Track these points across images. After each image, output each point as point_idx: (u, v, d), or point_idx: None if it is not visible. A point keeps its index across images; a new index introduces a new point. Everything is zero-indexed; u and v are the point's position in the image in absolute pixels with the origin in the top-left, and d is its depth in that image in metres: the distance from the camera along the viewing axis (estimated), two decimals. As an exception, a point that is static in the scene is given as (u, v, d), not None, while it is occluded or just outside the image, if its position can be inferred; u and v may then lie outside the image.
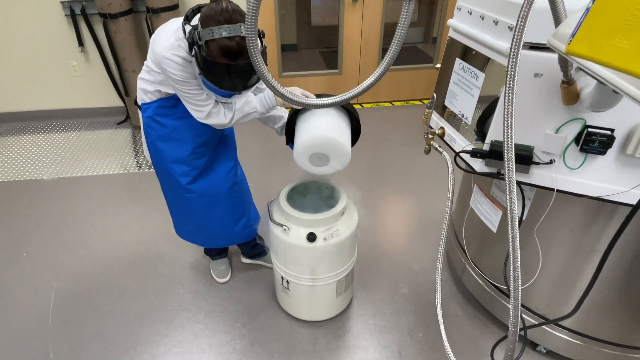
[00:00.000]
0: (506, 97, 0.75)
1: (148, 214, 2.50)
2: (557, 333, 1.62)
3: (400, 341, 1.72)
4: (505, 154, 0.75)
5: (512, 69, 0.70)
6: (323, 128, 1.36)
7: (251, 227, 1.88)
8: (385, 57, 0.86)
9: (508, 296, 1.73)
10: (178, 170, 1.59)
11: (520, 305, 0.83)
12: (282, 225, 1.54)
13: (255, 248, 2.11)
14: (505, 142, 0.74)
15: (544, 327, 1.61)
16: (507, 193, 0.79)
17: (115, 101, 3.79)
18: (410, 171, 2.92)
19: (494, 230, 1.62)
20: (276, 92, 0.89)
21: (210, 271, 2.04)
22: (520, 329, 1.16)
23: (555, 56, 1.03)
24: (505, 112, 0.75)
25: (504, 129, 0.76)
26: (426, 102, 4.07)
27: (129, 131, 3.60)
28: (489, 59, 1.21)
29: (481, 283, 1.85)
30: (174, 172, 1.60)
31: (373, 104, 4.12)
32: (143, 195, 2.75)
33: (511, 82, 0.71)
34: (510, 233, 0.78)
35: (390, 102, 4.12)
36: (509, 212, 0.80)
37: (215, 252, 2.03)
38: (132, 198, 2.74)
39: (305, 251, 1.55)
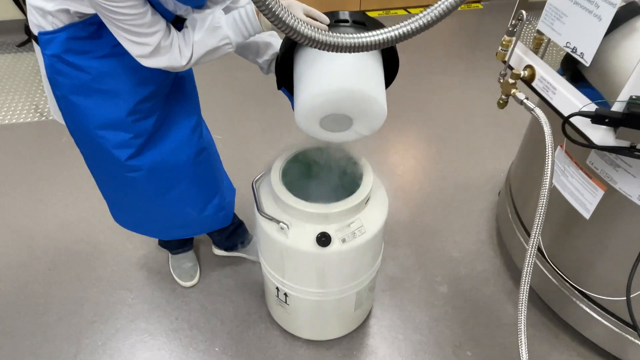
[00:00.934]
0: None
1: (76, 186, 2.24)
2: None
3: (442, 364, 1.58)
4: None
5: None
6: (345, 75, 1.04)
7: (226, 208, 1.63)
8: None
9: (602, 307, 1.47)
10: (112, 140, 1.28)
11: None
12: (277, 222, 1.25)
13: (234, 236, 1.87)
14: None
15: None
16: None
17: (10, 11, 3.13)
18: (443, 112, 2.75)
19: (587, 215, 1.37)
20: (264, 11, 0.66)
21: (171, 270, 1.85)
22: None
23: None
24: None
25: None
26: (477, 6, 3.53)
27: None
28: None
29: (554, 281, 1.64)
30: (106, 142, 1.28)
31: (381, 12, 3.72)
32: (67, 157, 2.38)
33: None
34: None
35: (404, 8, 3.63)
36: None
37: (176, 244, 1.83)
38: (51, 161, 2.39)
39: (314, 258, 1.30)
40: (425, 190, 2.26)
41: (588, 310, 1.56)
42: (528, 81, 1.17)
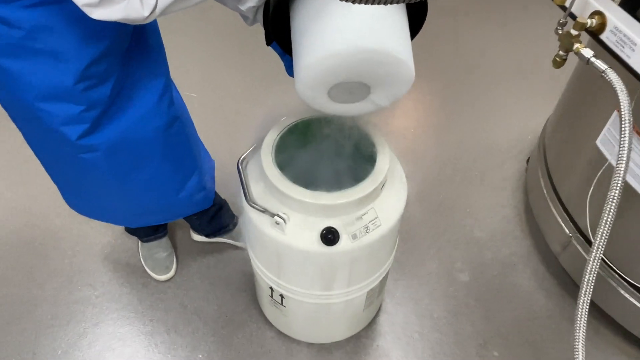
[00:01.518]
0: None
1: (25, 159, 2.07)
2: None
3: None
4: None
5: None
6: (365, 30, 0.89)
7: (206, 187, 1.56)
8: None
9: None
10: (58, 115, 1.14)
11: None
12: (271, 215, 1.14)
13: (216, 220, 1.78)
14: None
15: None
16: None
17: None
18: (459, 62, 2.63)
19: (647, 197, 1.23)
20: None
21: (142, 261, 1.77)
22: None
23: None
24: None
25: None
26: None
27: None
28: None
29: (599, 271, 1.53)
30: (50, 118, 1.14)
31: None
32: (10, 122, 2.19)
33: None
34: None
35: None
36: None
37: (146, 231, 1.74)
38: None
39: (317, 259, 1.20)
40: (440, 157, 2.16)
41: (637, 303, 1.48)
42: (596, 33, 1.01)
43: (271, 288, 1.39)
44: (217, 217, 1.76)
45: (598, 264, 0.96)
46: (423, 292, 1.72)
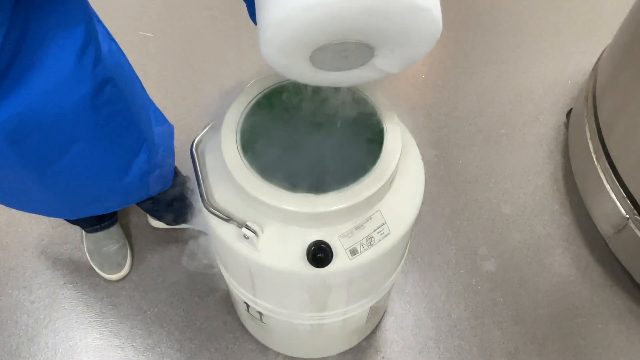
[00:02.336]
0: None
1: None
2: None
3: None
4: None
5: None
6: None
7: (161, 164, 1.39)
8: None
9: None
10: None
11: None
12: (238, 225, 0.94)
13: (177, 204, 1.59)
14: None
15: None
16: None
17: None
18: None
19: None
20: None
21: (87, 257, 1.63)
22: None
23: None
24: None
25: None
26: None
27: None
28: None
29: None
30: None
31: None
32: None
33: None
34: None
35: None
36: None
37: (88, 220, 1.58)
38: None
39: (304, 282, 1.01)
40: (458, 112, 1.98)
41: None
42: None
43: (247, 303, 1.21)
44: (178, 200, 1.57)
45: None
46: (438, 287, 1.59)
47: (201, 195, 0.97)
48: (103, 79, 1.11)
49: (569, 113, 1.86)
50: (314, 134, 1.02)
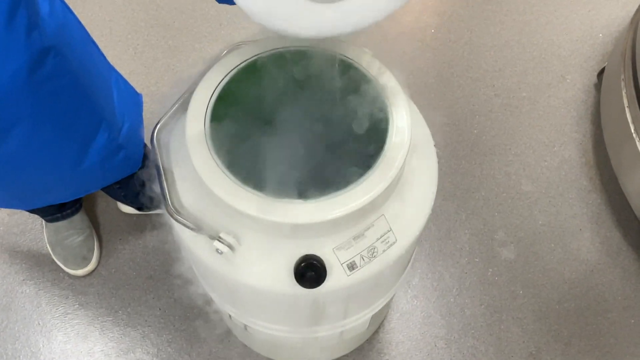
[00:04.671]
0: None
1: None
2: None
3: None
4: None
5: None
6: None
7: (126, 145, 1.32)
8: None
9: None
10: None
11: None
12: (209, 237, 0.85)
13: (150, 186, 1.44)
14: None
15: None
16: None
17: None
18: None
19: None
20: None
21: (49, 249, 1.57)
22: None
23: None
24: None
25: None
26: None
27: None
28: None
29: None
30: None
31: None
32: None
33: None
34: None
35: None
36: None
37: (47, 208, 1.51)
38: None
39: (291, 301, 0.94)
40: (473, 71, 1.89)
41: None
42: None
43: (229, 314, 1.14)
44: (150, 183, 1.45)
45: None
46: (450, 278, 1.55)
47: (164, 199, 0.88)
48: (42, 49, 1.02)
49: (601, 72, 1.78)
50: (301, 122, 0.92)
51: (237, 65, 0.90)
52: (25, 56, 0.99)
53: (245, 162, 0.86)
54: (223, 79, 0.89)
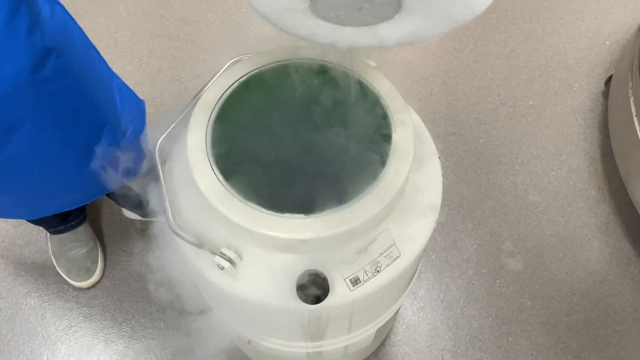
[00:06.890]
0: None
1: None
2: None
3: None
4: None
5: None
6: None
7: (135, 148, 1.32)
8: None
9: None
10: None
11: None
12: (212, 252, 0.84)
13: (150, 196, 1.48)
14: None
15: None
16: None
17: None
18: None
19: None
20: None
21: (53, 261, 1.56)
22: None
23: None
24: None
25: None
26: None
27: None
28: None
29: None
30: None
31: None
32: None
33: None
34: None
35: None
36: None
37: (53, 219, 1.50)
38: None
39: (294, 316, 0.93)
40: (479, 80, 1.88)
41: None
42: None
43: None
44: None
45: None
46: (456, 290, 1.54)
47: (166, 213, 0.87)
48: (43, 49, 1.03)
49: (608, 80, 1.77)
50: (303, 136, 0.91)
51: (239, 79, 0.90)
52: (27, 56, 1.00)
53: (246, 177, 0.85)
54: (224, 92, 0.89)
